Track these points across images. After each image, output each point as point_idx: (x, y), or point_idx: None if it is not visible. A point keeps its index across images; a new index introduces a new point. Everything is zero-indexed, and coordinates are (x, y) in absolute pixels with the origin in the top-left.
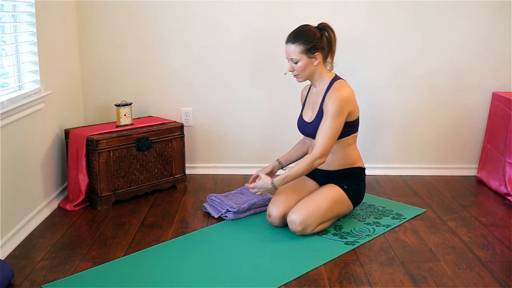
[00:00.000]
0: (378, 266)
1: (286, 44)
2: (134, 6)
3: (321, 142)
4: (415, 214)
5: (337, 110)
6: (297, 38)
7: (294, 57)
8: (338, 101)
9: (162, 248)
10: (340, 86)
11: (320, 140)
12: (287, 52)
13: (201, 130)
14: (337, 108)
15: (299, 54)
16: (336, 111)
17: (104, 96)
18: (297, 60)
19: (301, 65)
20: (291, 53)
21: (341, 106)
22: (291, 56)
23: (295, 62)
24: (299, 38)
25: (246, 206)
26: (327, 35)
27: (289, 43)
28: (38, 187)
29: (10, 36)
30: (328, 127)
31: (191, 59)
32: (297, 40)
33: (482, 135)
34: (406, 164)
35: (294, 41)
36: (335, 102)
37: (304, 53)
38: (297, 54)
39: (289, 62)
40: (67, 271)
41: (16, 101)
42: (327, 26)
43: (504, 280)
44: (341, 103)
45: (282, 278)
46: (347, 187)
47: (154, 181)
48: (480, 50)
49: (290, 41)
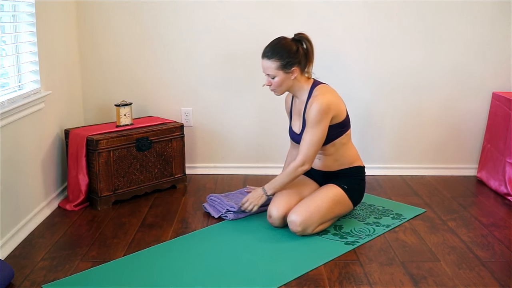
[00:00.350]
0: (378, 266)
1: (262, 59)
2: (134, 6)
3: (303, 151)
4: (415, 214)
5: (317, 118)
6: (273, 53)
7: (270, 73)
8: (317, 110)
9: (162, 248)
10: (319, 94)
11: (302, 148)
12: (263, 67)
13: (201, 130)
14: (316, 117)
15: (275, 70)
16: (316, 120)
17: (104, 96)
18: (273, 76)
19: (277, 80)
20: (267, 68)
21: (320, 114)
22: (267, 71)
23: (272, 77)
24: (275, 53)
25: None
26: (304, 47)
27: (265, 58)
28: (38, 187)
29: (10, 36)
30: (309, 136)
31: (191, 59)
32: (273, 56)
33: (482, 135)
34: (406, 164)
35: (270, 56)
36: (313, 111)
37: (280, 69)
38: (273, 70)
39: (266, 76)
40: (67, 271)
41: (16, 101)
42: (303, 36)
43: (504, 280)
44: (320, 111)
45: (282, 278)
46: (347, 187)
47: (154, 181)
48: (480, 50)
49: (266, 56)
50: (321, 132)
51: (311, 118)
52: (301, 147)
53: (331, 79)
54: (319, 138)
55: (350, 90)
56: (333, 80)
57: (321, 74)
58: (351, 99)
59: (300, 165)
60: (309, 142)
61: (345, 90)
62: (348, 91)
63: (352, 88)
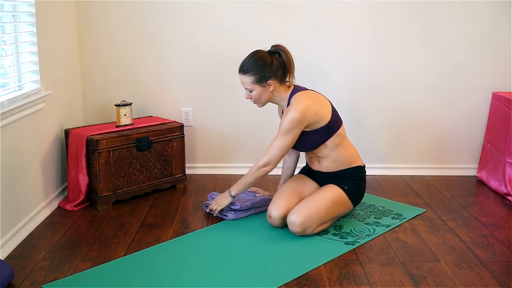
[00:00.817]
0: (378, 266)
1: (239, 74)
2: (134, 6)
3: (269, 153)
4: (415, 214)
5: (288, 127)
6: (247, 68)
7: (247, 87)
8: (289, 119)
9: (162, 248)
10: (295, 103)
11: (269, 151)
12: (241, 82)
13: (201, 130)
14: (288, 126)
15: (251, 85)
16: (287, 129)
17: (104, 96)
18: (251, 90)
19: (255, 94)
20: (244, 83)
21: (291, 123)
22: (244, 86)
23: (250, 91)
24: (249, 68)
25: (248, 204)
26: (280, 59)
27: (241, 73)
28: (38, 187)
29: (10, 36)
30: (278, 142)
31: (191, 59)
32: (247, 71)
33: (482, 135)
34: (406, 164)
35: (245, 71)
36: (286, 120)
37: (255, 83)
38: (249, 85)
39: (245, 90)
40: (67, 271)
41: (16, 101)
42: (280, 48)
43: (504, 280)
44: (292, 120)
45: (282, 278)
46: (348, 188)
47: (154, 181)
48: (480, 50)
49: (242, 71)
50: (290, 140)
51: (283, 125)
52: (268, 149)
53: (331, 79)
54: (287, 145)
55: (350, 90)
56: (333, 80)
57: (320, 74)
58: (351, 99)
59: (263, 165)
60: (276, 147)
61: (345, 90)
62: (348, 91)
63: (352, 88)
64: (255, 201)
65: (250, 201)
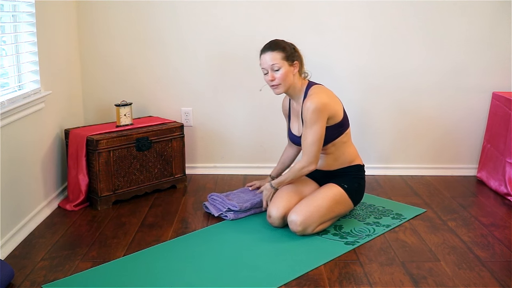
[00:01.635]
0: (378, 266)
1: (264, 54)
2: (134, 6)
3: (307, 152)
4: (415, 214)
5: (313, 119)
6: (276, 46)
7: (275, 63)
8: (312, 109)
9: (162, 248)
10: (314, 94)
11: (306, 150)
12: (266, 61)
13: (201, 130)
14: (313, 117)
15: (280, 61)
16: (312, 120)
17: (104, 96)
18: (278, 67)
19: (282, 72)
20: (272, 60)
21: (316, 114)
22: (272, 62)
23: (276, 69)
24: (278, 46)
25: (248, 206)
26: (294, 47)
27: (268, 51)
28: (38, 187)
29: (10, 36)
30: (310, 137)
31: (191, 59)
32: (276, 48)
33: (482, 135)
34: (406, 164)
35: (274, 48)
36: (309, 112)
37: (285, 59)
38: (279, 60)
39: (267, 74)
40: (67, 271)
41: (16, 101)
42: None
43: (504, 280)
44: (315, 111)
45: (282, 278)
46: (348, 186)
47: (154, 181)
48: (480, 50)
49: (269, 49)
50: (320, 130)
51: (308, 118)
52: (304, 149)
53: (330, 79)
54: (319, 137)
55: (350, 90)
56: (333, 80)
57: (320, 73)
58: (351, 99)
59: (306, 165)
60: (310, 142)
61: (345, 90)
62: (348, 91)
63: (352, 88)
64: (254, 202)
65: (250, 202)
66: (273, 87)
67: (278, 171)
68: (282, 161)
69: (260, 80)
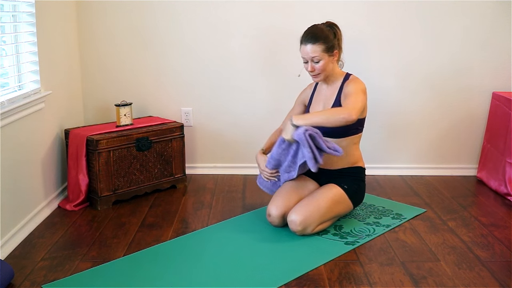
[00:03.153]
0: (378, 266)
1: (305, 45)
2: (134, 6)
3: (351, 103)
4: (415, 214)
5: (357, 90)
6: (317, 38)
7: (316, 55)
8: (358, 86)
9: (162, 248)
10: (357, 79)
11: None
12: (307, 52)
13: (201, 130)
14: (357, 89)
15: (321, 53)
16: (359, 88)
17: (104, 96)
18: (318, 59)
19: (322, 64)
20: (313, 52)
21: (360, 89)
22: (313, 55)
23: (317, 61)
24: (319, 38)
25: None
26: (335, 32)
27: (309, 43)
28: (38, 187)
29: (10, 36)
30: (353, 98)
31: (191, 59)
32: (317, 40)
33: (482, 135)
34: (406, 164)
35: (315, 41)
36: (356, 84)
37: (325, 51)
38: (320, 53)
39: (307, 63)
40: (67, 271)
41: (16, 101)
42: (333, 24)
43: (504, 280)
44: (359, 87)
45: (282, 278)
46: (347, 187)
47: (154, 181)
48: (480, 50)
49: (310, 41)
50: (364, 101)
51: (353, 89)
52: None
53: None
54: (363, 104)
55: None
56: None
57: None
58: None
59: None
60: (354, 100)
61: None
62: None
63: None
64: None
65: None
66: (313, 76)
67: (271, 144)
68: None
69: (261, 79)
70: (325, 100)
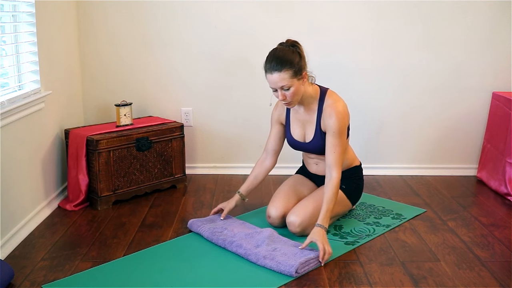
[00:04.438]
0: (378, 266)
1: (271, 74)
2: (134, 6)
3: (337, 163)
4: (415, 214)
5: (342, 127)
6: (282, 64)
7: (285, 84)
8: (340, 118)
9: (162, 248)
10: (335, 101)
11: (336, 161)
12: (274, 82)
13: (201, 130)
14: (341, 126)
15: (289, 80)
16: (341, 129)
17: (104, 96)
18: (288, 87)
19: (293, 90)
20: (281, 81)
21: (343, 123)
22: (281, 84)
23: (287, 89)
24: (284, 63)
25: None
26: (299, 51)
27: (275, 72)
28: (38, 187)
29: (10, 36)
30: (338, 147)
31: (191, 59)
32: (283, 66)
33: (482, 135)
34: (406, 164)
35: (281, 68)
36: (337, 120)
37: (293, 77)
38: (288, 80)
39: (276, 92)
40: (67, 271)
41: (16, 101)
42: (295, 43)
43: (504, 280)
44: (343, 120)
45: (282, 278)
46: (345, 187)
47: (154, 181)
48: (480, 50)
49: (276, 69)
50: (345, 140)
51: (337, 127)
52: (334, 160)
53: (331, 80)
54: (346, 146)
55: (349, 90)
56: (332, 81)
57: (321, 75)
58: (351, 99)
59: (338, 177)
60: (339, 153)
61: (344, 90)
62: (348, 92)
63: (352, 88)
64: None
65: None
66: (285, 104)
67: (248, 187)
68: (255, 175)
69: (260, 80)
70: (305, 123)
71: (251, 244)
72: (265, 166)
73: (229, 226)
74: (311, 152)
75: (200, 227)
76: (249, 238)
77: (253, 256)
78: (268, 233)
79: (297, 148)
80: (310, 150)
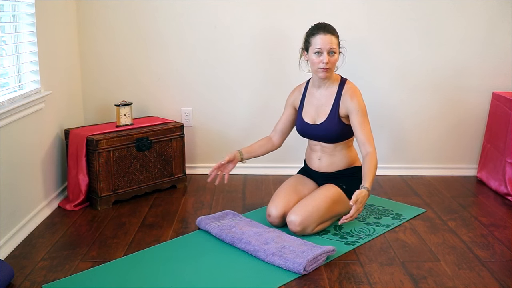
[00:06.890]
0: (378, 266)
1: (324, 34)
2: (134, 6)
3: (370, 140)
4: (415, 214)
5: (364, 108)
6: (334, 30)
7: (334, 46)
8: (362, 100)
9: (162, 248)
10: (355, 87)
11: (368, 138)
12: (327, 42)
13: (201, 130)
14: (364, 107)
15: (337, 46)
16: (364, 109)
17: (104, 96)
18: (335, 52)
19: (336, 57)
20: (332, 43)
21: (362, 100)
22: (332, 46)
23: (332, 53)
24: (334, 31)
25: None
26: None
27: (329, 33)
28: (38, 187)
29: (10, 36)
30: (367, 124)
31: (191, 59)
32: (334, 32)
33: (482, 135)
34: (406, 164)
35: (333, 32)
36: (360, 101)
37: (339, 46)
38: (336, 45)
39: (321, 54)
40: (67, 271)
41: (16, 101)
42: None
43: (504, 280)
44: (362, 101)
45: (282, 278)
46: (346, 187)
47: (154, 181)
48: (480, 50)
49: (330, 32)
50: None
51: (360, 107)
52: (367, 138)
53: None
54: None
55: None
56: None
57: None
58: None
59: (374, 151)
60: (369, 131)
61: None
62: None
63: None
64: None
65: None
66: (323, 70)
67: (249, 151)
68: (261, 144)
69: (261, 79)
70: (320, 106)
71: (259, 241)
72: (272, 142)
73: (237, 224)
74: (319, 137)
75: (208, 225)
76: (257, 236)
77: (262, 253)
78: (277, 233)
79: (306, 133)
80: (319, 133)
